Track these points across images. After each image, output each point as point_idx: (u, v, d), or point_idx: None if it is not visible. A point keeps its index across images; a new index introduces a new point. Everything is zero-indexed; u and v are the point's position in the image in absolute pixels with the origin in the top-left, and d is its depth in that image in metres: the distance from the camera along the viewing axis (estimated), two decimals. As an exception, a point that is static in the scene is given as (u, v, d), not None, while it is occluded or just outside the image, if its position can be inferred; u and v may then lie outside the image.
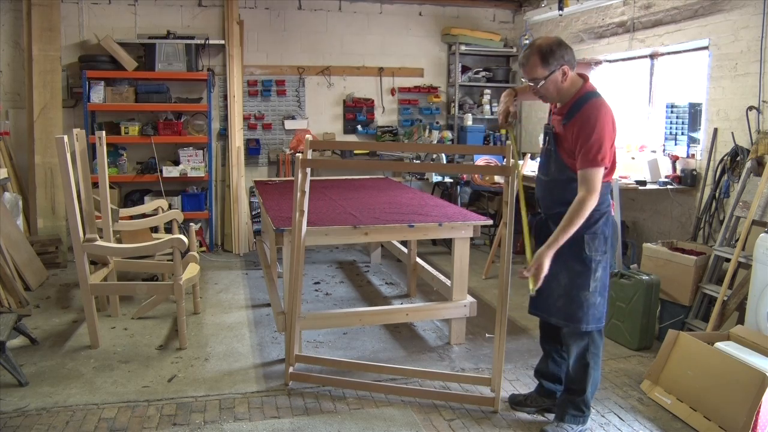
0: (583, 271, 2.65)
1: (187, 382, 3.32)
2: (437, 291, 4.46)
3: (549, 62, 2.55)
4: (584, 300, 2.66)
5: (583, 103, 2.59)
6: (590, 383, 2.77)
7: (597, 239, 2.64)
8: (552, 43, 2.57)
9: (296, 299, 3.30)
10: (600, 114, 2.55)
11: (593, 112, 2.55)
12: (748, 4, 4.08)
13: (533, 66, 2.58)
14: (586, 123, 2.53)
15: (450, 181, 6.55)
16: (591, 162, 2.52)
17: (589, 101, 2.59)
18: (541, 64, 2.56)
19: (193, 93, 6.26)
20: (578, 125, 2.56)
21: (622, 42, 5.33)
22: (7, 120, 5.73)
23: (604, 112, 2.57)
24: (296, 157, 3.18)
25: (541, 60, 2.55)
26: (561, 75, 2.58)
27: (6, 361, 3.18)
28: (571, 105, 2.63)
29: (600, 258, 2.66)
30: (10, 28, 5.76)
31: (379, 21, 6.76)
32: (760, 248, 3.33)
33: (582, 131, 2.54)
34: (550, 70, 2.56)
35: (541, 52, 2.55)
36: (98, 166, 4.17)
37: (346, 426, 2.88)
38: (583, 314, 2.67)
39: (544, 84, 2.59)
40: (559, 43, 2.58)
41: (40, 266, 5.09)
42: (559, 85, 2.61)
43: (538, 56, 2.56)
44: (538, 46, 2.57)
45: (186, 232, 4.64)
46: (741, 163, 4.07)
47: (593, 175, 2.52)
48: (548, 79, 2.57)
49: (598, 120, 2.53)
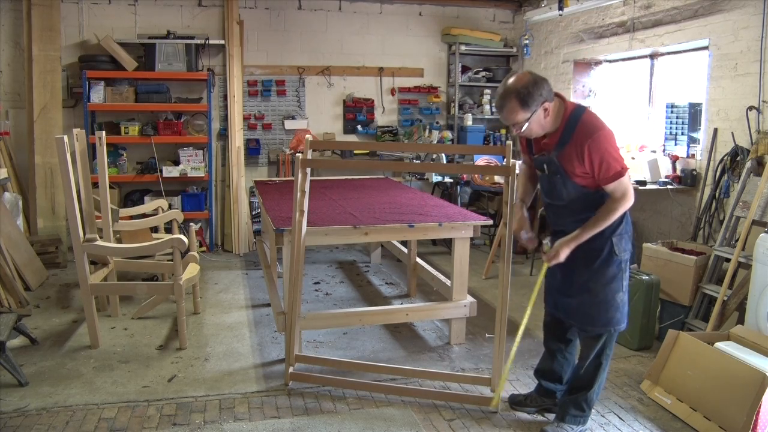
0: (617, 273, 2.65)
1: (187, 382, 3.32)
2: (437, 291, 4.46)
3: (529, 105, 2.42)
4: (620, 301, 2.67)
5: (575, 123, 2.50)
6: (598, 383, 2.78)
7: (623, 239, 2.65)
8: (528, 83, 2.42)
9: (296, 299, 3.30)
10: (598, 125, 2.49)
11: (591, 127, 2.48)
12: (748, 4, 4.08)
13: (512, 111, 2.44)
14: (593, 144, 2.44)
15: (450, 181, 6.55)
16: (615, 175, 2.47)
17: (580, 118, 2.51)
18: (521, 108, 2.43)
19: (193, 93, 6.26)
20: (585, 150, 2.46)
21: (622, 42, 5.33)
22: (7, 120, 5.73)
23: (599, 121, 2.52)
24: (296, 157, 3.18)
25: (520, 104, 2.42)
26: (543, 112, 2.47)
27: (6, 361, 3.18)
28: (563, 130, 2.53)
29: (627, 256, 2.68)
30: (10, 28, 5.76)
31: (379, 21, 6.77)
32: (760, 248, 3.33)
33: (593, 154, 2.45)
34: (532, 111, 2.44)
35: (519, 97, 2.40)
36: (98, 166, 4.17)
37: (346, 426, 2.88)
38: (621, 315, 2.68)
39: (527, 127, 2.49)
40: (535, 81, 2.43)
41: (40, 266, 5.09)
42: (542, 122, 2.51)
43: (516, 101, 2.41)
44: (514, 90, 2.41)
45: (186, 232, 4.64)
46: (741, 163, 4.07)
47: (621, 185, 2.50)
48: (531, 120, 2.46)
49: (600, 137, 2.46)
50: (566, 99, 2.59)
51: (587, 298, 2.68)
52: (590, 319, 2.69)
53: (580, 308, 2.71)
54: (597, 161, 2.46)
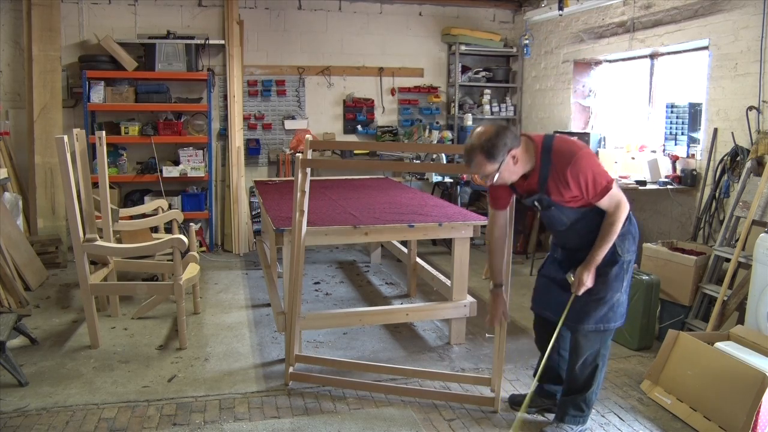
0: (618, 273, 2.67)
1: (187, 382, 3.32)
2: (437, 291, 4.46)
3: (495, 156, 2.44)
4: (616, 301, 2.68)
5: (549, 155, 2.52)
6: (596, 383, 2.78)
7: (627, 240, 2.67)
8: (490, 136, 2.43)
9: (296, 299, 3.30)
10: (572, 149, 2.51)
11: (566, 153, 2.49)
12: (748, 4, 4.08)
13: (480, 165, 2.48)
14: (574, 169, 2.46)
15: (450, 181, 6.55)
16: (602, 191, 2.50)
17: (552, 149, 2.52)
18: (488, 161, 2.45)
19: (193, 93, 6.26)
20: (566, 173, 2.48)
21: (622, 42, 5.33)
22: (7, 120, 5.73)
23: (572, 144, 2.54)
24: (296, 157, 3.18)
25: (486, 158, 2.44)
26: (511, 160, 2.49)
27: (6, 361, 3.18)
28: (540, 166, 2.54)
29: (630, 257, 2.69)
30: (10, 28, 5.76)
31: (379, 21, 6.77)
32: (760, 248, 3.33)
33: (576, 178, 2.47)
34: (499, 162, 2.46)
35: (483, 151, 2.42)
36: (98, 166, 4.17)
37: (346, 426, 2.88)
38: (613, 314, 2.69)
39: (498, 177, 2.51)
40: (497, 132, 2.44)
41: (40, 266, 5.09)
42: (512, 169, 2.53)
43: (482, 155, 2.44)
44: (478, 145, 2.44)
45: (186, 232, 4.64)
46: (741, 163, 4.07)
47: (612, 197, 2.53)
48: (500, 170, 2.49)
49: (578, 159, 2.47)
50: (533, 136, 2.60)
51: (584, 296, 2.68)
52: (585, 316, 2.69)
53: (575, 304, 2.70)
54: (583, 183, 2.49)
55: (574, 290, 2.66)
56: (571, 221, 2.66)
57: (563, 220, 2.66)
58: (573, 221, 2.65)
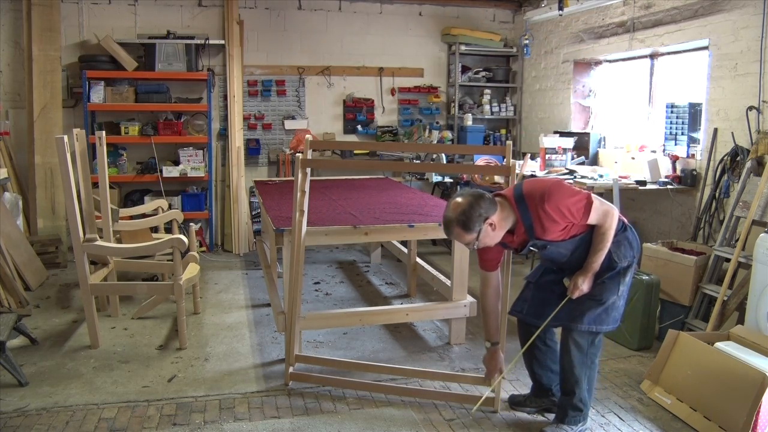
0: (614, 277, 2.69)
1: (187, 382, 3.32)
2: (437, 291, 4.46)
3: (471, 228, 2.51)
4: (611, 304, 2.69)
5: (524, 204, 2.57)
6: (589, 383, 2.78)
7: (622, 246, 2.70)
8: (464, 209, 2.50)
9: (296, 299, 3.30)
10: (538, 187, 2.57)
11: (536, 194, 2.54)
12: (748, 4, 4.08)
13: (459, 236, 2.56)
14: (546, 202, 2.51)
15: (450, 181, 6.55)
16: (586, 208, 2.56)
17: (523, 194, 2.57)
18: (465, 232, 2.52)
19: (193, 93, 6.26)
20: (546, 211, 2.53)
21: (622, 42, 5.33)
22: (7, 120, 5.73)
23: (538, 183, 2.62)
24: (296, 157, 3.18)
25: (463, 230, 2.52)
26: (488, 228, 2.54)
27: (6, 361, 3.18)
28: (520, 218, 2.59)
29: (628, 263, 2.71)
30: (10, 28, 5.76)
31: (379, 21, 6.77)
32: (760, 248, 3.32)
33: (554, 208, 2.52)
34: (477, 231, 2.52)
35: (460, 224, 2.50)
36: (98, 166, 4.17)
37: (346, 426, 2.88)
38: (606, 316, 2.70)
39: (479, 243, 2.58)
40: (470, 204, 2.50)
41: (40, 266, 5.09)
42: (493, 236, 2.58)
43: (458, 228, 2.52)
44: (454, 219, 2.51)
45: (186, 232, 4.64)
46: (741, 163, 4.07)
47: (596, 212, 2.58)
48: (480, 239, 2.55)
49: (546, 191, 2.53)
50: (505, 193, 2.65)
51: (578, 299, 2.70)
52: (579, 315, 2.69)
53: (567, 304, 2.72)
54: (566, 211, 2.54)
55: (569, 293, 2.68)
56: (570, 252, 2.71)
57: (562, 253, 2.71)
58: (572, 251, 2.70)
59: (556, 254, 2.72)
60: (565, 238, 2.63)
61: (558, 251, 2.70)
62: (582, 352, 2.73)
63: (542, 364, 2.99)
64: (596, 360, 2.79)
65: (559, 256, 2.73)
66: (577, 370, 2.74)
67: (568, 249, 2.69)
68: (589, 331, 2.70)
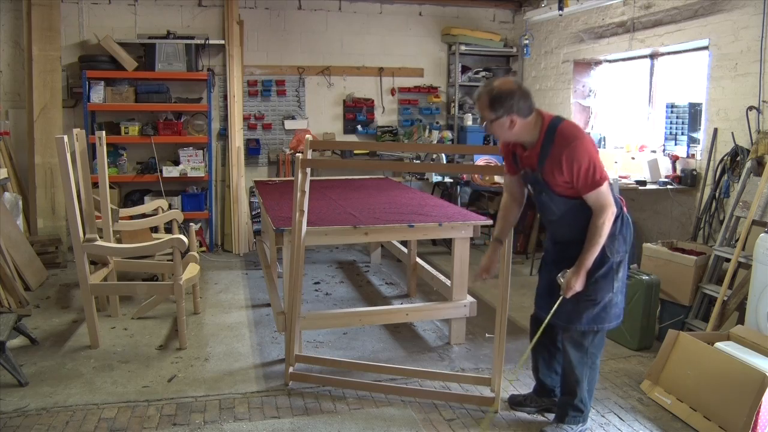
0: (607, 273, 2.66)
1: (187, 382, 3.32)
2: (437, 291, 4.46)
3: (495, 108, 2.52)
4: (608, 301, 2.68)
5: (553, 134, 2.55)
6: (590, 383, 2.78)
7: (616, 241, 2.66)
8: (504, 90, 2.52)
9: (296, 299, 3.30)
10: (577, 139, 2.51)
11: (570, 141, 2.51)
12: (748, 4, 4.08)
13: (482, 106, 2.57)
14: (571, 153, 2.49)
15: (450, 181, 6.55)
16: (593, 185, 2.52)
17: (558, 129, 2.55)
18: (489, 107, 2.54)
19: (193, 93, 6.26)
20: (564, 159, 2.51)
21: (622, 42, 5.33)
22: (7, 120, 5.73)
23: (577, 131, 2.55)
24: (296, 157, 3.18)
25: (488, 103, 2.53)
26: (508, 123, 2.55)
27: (6, 361, 3.18)
28: (542, 143, 2.58)
29: (621, 258, 2.68)
30: (10, 28, 5.76)
31: (379, 21, 6.77)
32: (760, 248, 3.32)
33: (571, 163, 2.50)
34: (496, 115, 2.53)
35: (490, 96, 2.52)
36: (98, 166, 4.17)
37: (346, 426, 2.88)
38: (606, 314, 2.69)
39: (490, 126, 2.59)
40: (512, 91, 2.52)
41: (40, 266, 5.09)
42: (505, 132, 2.58)
43: (486, 98, 2.54)
44: (490, 89, 2.54)
45: (186, 232, 4.64)
46: (741, 163, 4.07)
47: (600, 195, 2.54)
48: (494, 123, 2.56)
49: (578, 145, 2.50)
50: (544, 114, 2.63)
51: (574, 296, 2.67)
52: (576, 316, 2.69)
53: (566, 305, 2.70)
54: (575, 169, 2.50)
55: (562, 293, 2.67)
56: (561, 212, 2.67)
57: (553, 210, 2.69)
58: (563, 213, 2.67)
59: (548, 208, 2.70)
60: (562, 194, 2.61)
61: (550, 205, 2.68)
62: (582, 351, 2.73)
63: (549, 365, 2.99)
64: (597, 361, 2.79)
65: (549, 212, 2.71)
66: (577, 370, 2.74)
67: (560, 209, 2.66)
68: (590, 330, 2.69)
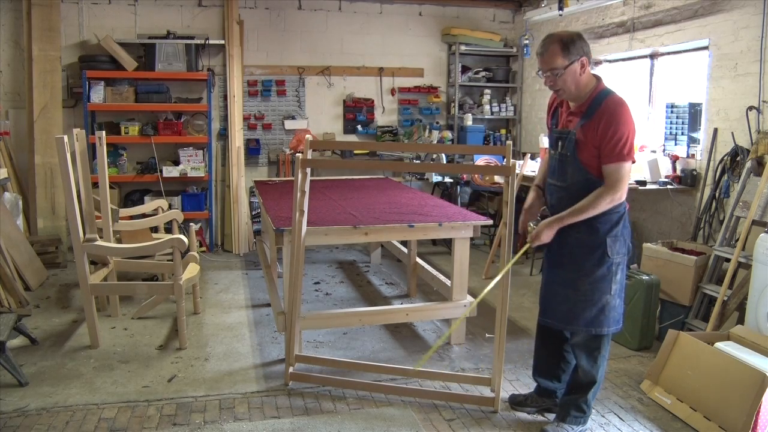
0: (606, 274, 2.65)
1: (187, 382, 3.32)
2: (437, 291, 4.46)
3: (570, 51, 2.52)
4: (606, 303, 2.66)
5: (602, 99, 2.57)
6: (596, 385, 2.78)
7: (618, 242, 2.65)
8: (573, 34, 2.58)
9: (296, 299, 3.30)
10: (623, 109, 2.54)
11: (616, 108, 2.53)
12: (748, 4, 4.08)
13: (553, 55, 2.54)
14: (612, 117, 2.50)
15: (450, 181, 6.55)
16: (618, 156, 2.50)
17: (608, 97, 2.57)
18: (562, 53, 2.52)
19: (193, 93, 6.26)
20: (603, 121, 2.51)
21: (622, 42, 5.33)
22: (7, 120, 5.73)
23: (626, 107, 2.56)
24: (296, 157, 3.18)
25: (561, 49, 2.52)
26: (580, 67, 2.55)
27: (6, 361, 3.18)
28: (590, 102, 2.59)
29: (620, 260, 2.67)
30: (10, 28, 5.76)
31: (379, 21, 6.77)
32: (760, 248, 3.32)
33: (609, 126, 2.50)
34: (570, 60, 2.52)
35: (562, 41, 2.53)
36: (98, 166, 4.17)
37: (346, 426, 2.88)
38: (604, 318, 2.67)
39: (563, 75, 2.55)
40: (579, 35, 2.58)
41: (40, 266, 5.09)
42: (577, 78, 2.57)
43: (558, 45, 2.53)
44: (559, 36, 2.56)
45: (186, 232, 4.64)
46: (741, 163, 4.07)
47: (620, 170, 2.52)
48: (567, 69, 2.53)
49: (622, 114, 2.51)
50: (601, 80, 2.65)
51: (571, 295, 2.68)
52: (573, 318, 2.69)
53: (563, 305, 2.71)
54: (610, 134, 2.49)
55: (528, 239, 2.66)
56: (573, 181, 2.65)
57: (566, 175, 2.66)
58: (574, 181, 2.64)
59: (564, 169, 2.66)
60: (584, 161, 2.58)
61: (566, 167, 2.65)
62: (590, 356, 2.73)
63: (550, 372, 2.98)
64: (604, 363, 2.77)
65: (562, 175, 2.68)
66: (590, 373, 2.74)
67: (574, 175, 2.63)
68: (588, 333, 2.69)
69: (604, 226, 2.62)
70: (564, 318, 2.72)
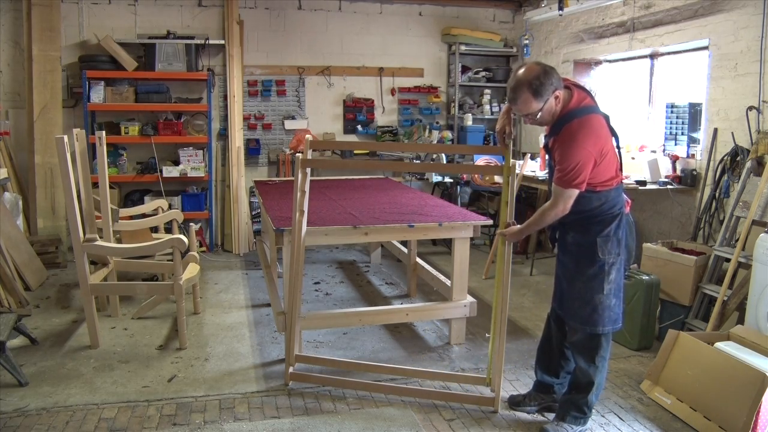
0: (597, 274, 2.66)
1: (187, 382, 3.32)
2: (437, 291, 4.46)
3: (541, 94, 2.47)
4: (599, 303, 2.67)
5: (565, 122, 2.55)
6: (596, 385, 2.78)
7: (610, 242, 2.66)
8: (539, 73, 2.46)
9: (296, 299, 3.30)
10: (580, 134, 2.49)
11: (574, 133, 2.50)
12: (748, 4, 4.08)
13: (525, 102, 2.50)
14: (567, 143, 2.51)
15: (450, 181, 6.55)
16: (564, 182, 2.54)
17: (573, 121, 2.53)
18: (534, 99, 2.48)
19: (193, 93, 6.26)
20: (560, 143, 2.55)
21: (622, 42, 5.33)
22: (7, 120, 5.73)
23: (586, 131, 2.50)
24: (296, 157, 3.18)
25: (533, 95, 2.47)
26: (554, 100, 2.53)
27: (6, 361, 3.18)
28: (556, 121, 2.60)
29: (613, 260, 2.67)
30: (10, 28, 5.76)
31: (379, 21, 6.77)
32: (760, 248, 3.33)
33: (563, 149, 2.53)
34: (544, 100, 2.49)
35: (532, 88, 2.45)
36: (98, 166, 4.17)
37: (346, 426, 2.88)
38: (598, 317, 2.68)
39: (541, 115, 2.55)
40: (544, 70, 2.48)
41: (40, 266, 5.09)
42: (553, 110, 2.56)
43: (529, 92, 2.46)
44: (527, 81, 2.46)
45: (186, 232, 4.64)
46: (741, 163, 4.07)
47: (562, 194, 2.56)
48: (543, 109, 2.52)
49: (576, 141, 2.49)
50: (575, 93, 2.58)
51: (567, 289, 2.75)
52: (571, 312, 2.74)
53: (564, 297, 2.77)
54: (561, 159, 2.55)
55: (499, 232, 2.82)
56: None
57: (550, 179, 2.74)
58: None
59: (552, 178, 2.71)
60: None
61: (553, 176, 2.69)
62: (587, 356, 2.74)
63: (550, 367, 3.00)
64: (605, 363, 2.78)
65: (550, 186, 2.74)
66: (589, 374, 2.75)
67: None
68: (584, 331, 2.71)
69: (596, 227, 2.66)
70: (567, 312, 2.79)
